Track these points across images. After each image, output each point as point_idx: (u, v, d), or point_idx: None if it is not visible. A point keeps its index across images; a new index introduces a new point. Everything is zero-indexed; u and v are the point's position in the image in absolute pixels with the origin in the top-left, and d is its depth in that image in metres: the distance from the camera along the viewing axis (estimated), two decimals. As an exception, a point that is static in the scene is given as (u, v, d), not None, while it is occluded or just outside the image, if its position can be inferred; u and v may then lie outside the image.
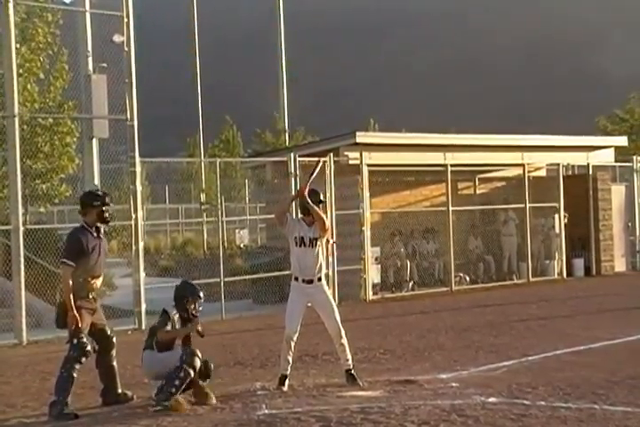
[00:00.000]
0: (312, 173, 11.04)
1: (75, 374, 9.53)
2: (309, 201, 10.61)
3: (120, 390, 9.97)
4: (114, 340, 9.97)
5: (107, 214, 10.00)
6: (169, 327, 9.80)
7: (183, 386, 9.67)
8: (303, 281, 10.61)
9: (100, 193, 10.21)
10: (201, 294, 10.13)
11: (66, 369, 9.53)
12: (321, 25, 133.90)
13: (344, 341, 10.68)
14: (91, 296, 9.74)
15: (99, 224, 9.98)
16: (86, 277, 9.73)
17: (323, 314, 10.68)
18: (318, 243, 10.64)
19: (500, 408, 9.21)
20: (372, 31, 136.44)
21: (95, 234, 9.90)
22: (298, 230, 10.65)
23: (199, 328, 9.87)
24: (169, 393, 9.54)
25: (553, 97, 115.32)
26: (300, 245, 10.64)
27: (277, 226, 11.09)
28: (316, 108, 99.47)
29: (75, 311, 9.52)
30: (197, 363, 9.72)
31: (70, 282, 9.61)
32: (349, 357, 10.73)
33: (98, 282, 9.86)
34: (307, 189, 10.70)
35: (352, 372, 10.70)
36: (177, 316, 9.88)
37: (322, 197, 10.96)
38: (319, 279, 10.66)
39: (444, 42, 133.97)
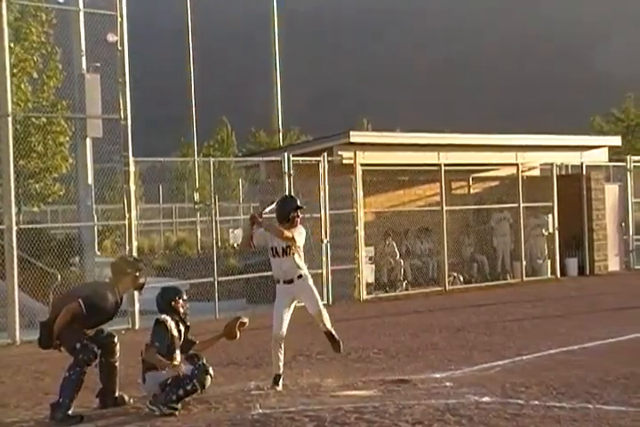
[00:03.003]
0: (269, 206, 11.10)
1: (83, 378, 9.41)
2: (262, 226, 10.58)
3: (118, 393, 9.88)
4: (115, 339, 9.84)
5: (141, 280, 9.91)
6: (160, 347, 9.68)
7: (186, 398, 9.56)
8: (284, 282, 10.65)
9: (131, 259, 10.12)
10: (183, 291, 10.11)
11: (74, 372, 9.37)
12: (318, 25, 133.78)
13: (325, 317, 10.64)
14: None
15: (131, 290, 9.86)
16: (84, 328, 9.57)
17: (304, 297, 10.70)
18: (292, 250, 10.62)
19: (493, 408, 9.21)
20: (370, 31, 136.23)
21: (120, 302, 9.75)
22: (270, 241, 10.66)
23: (181, 371, 9.67)
24: (169, 400, 9.38)
25: (550, 97, 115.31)
26: (275, 256, 10.68)
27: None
28: (312, 109, 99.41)
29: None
30: (208, 382, 9.60)
31: (68, 318, 9.41)
32: (329, 324, 10.67)
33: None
34: (260, 217, 10.62)
35: (332, 333, 10.67)
36: (173, 323, 9.83)
37: (299, 203, 10.91)
38: (299, 276, 10.66)
39: (443, 41, 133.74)
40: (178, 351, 9.78)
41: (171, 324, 9.71)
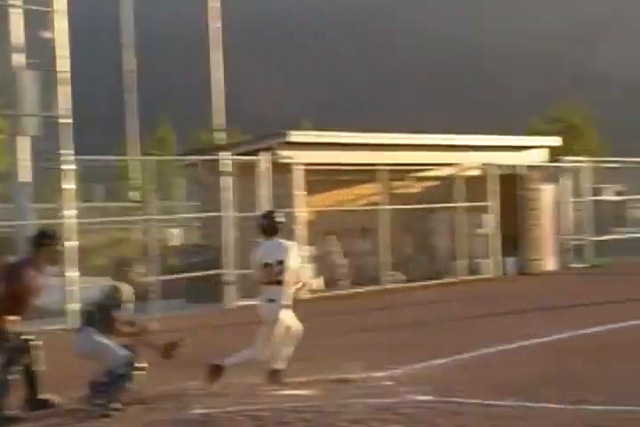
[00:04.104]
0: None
1: (10, 378, 9.28)
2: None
3: (41, 396, 9.64)
4: (29, 343, 9.59)
5: (56, 255, 9.90)
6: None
7: (120, 392, 9.47)
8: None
9: (50, 233, 10.06)
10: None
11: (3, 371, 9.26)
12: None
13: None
14: None
15: (48, 265, 9.74)
16: (13, 312, 9.33)
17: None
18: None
19: (433, 406, 9.25)
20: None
21: (39, 274, 9.55)
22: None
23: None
24: (107, 400, 9.31)
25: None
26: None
27: None
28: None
29: None
30: (134, 375, 9.65)
31: None
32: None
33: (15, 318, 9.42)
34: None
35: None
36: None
37: (280, 218, 10.79)
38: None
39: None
40: None
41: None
